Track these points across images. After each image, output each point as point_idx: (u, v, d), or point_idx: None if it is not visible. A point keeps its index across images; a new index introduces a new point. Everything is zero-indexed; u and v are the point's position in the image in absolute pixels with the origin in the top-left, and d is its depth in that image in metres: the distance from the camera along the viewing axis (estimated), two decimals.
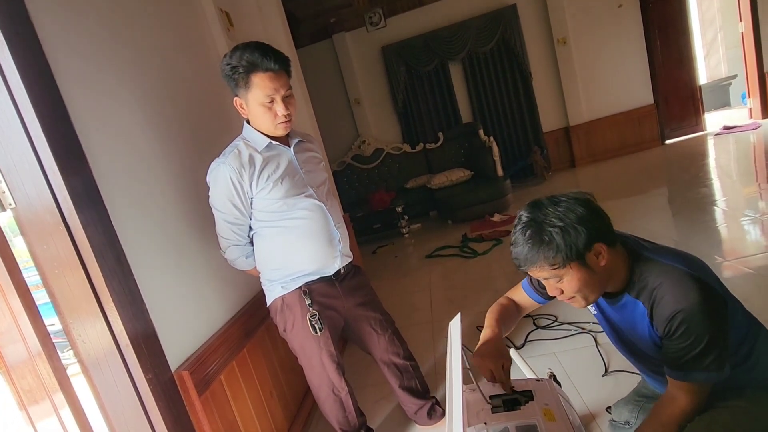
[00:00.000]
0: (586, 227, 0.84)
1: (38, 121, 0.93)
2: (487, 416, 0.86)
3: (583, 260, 0.85)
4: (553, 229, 0.84)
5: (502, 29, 5.40)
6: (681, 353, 0.84)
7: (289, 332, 1.40)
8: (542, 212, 0.87)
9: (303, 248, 1.34)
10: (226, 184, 1.25)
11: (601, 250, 0.86)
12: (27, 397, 1.14)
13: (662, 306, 0.85)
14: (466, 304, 2.62)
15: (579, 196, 0.88)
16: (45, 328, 1.09)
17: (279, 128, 1.26)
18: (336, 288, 1.41)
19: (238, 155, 1.25)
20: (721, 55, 7.69)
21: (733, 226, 2.77)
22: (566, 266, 0.85)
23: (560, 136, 5.78)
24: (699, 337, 0.82)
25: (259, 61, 1.17)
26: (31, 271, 1.12)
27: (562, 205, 0.86)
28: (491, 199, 4.50)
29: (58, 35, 1.06)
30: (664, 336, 0.87)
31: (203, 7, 1.90)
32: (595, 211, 0.87)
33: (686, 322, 0.82)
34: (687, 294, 0.82)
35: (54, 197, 0.97)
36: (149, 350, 1.10)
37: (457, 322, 0.92)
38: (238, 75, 1.19)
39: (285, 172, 1.30)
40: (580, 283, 0.88)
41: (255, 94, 1.20)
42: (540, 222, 0.86)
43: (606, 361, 1.75)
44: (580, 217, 0.84)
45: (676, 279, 0.85)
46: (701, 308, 0.81)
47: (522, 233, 0.88)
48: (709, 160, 4.56)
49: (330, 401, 1.44)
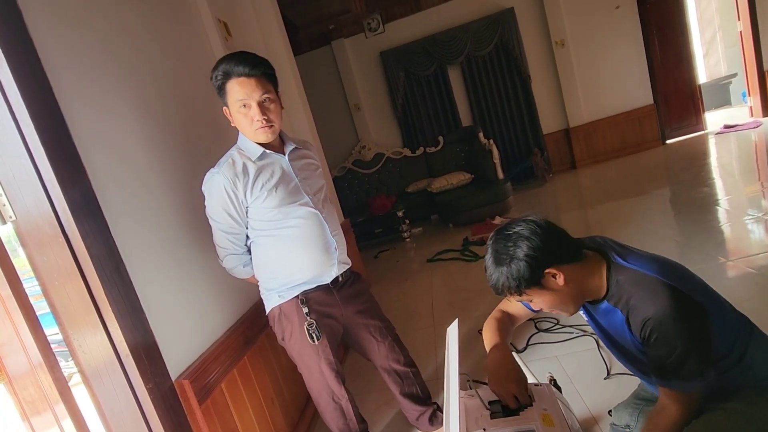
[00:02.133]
0: (528, 260, 0.90)
1: (37, 133, 0.94)
2: (486, 422, 0.86)
3: (539, 284, 0.92)
4: (501, 266, 0.93)
5: (500, 32, 5.42)
6: (660, 361, 0.85)
7: (288, 341, 1.40)
8: (497, 247, 0.95)
9: (299, 257, 1.34)
10: (220, 194, 1.26)
11: (554, 272, 0.91)
12: (29, 408, 1.15)
13: (634, 314, 0.88)
14: (467, 308, 2.61)
15: (526, 226, 0.93)
16: (46, 339, 1.10)
17: (258, 133, 1.26)
18: (334, 296, 1.41)
19: (232, 165, 1.26)
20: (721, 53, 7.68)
21: (736, 225, 2.76)
22: (524, 293, 0.93)
23: (560, 137, 5.78)
24: (672, 344, 0.83)
25: (232, 69, 1.20)
26: (31, 281, 1.13)
27: (511, 238, 0.93)
28: (492, 202, 4.50)
29: (57, 48, 1.07)
30: (642, 343, 0.89)
31: (201, 18, 1.92)
32: (545, 237, 0.91)
33: (657, 329, 0.84)
34: (656, 301, 0.85)
35: (53, 209, 0.98)
36: (149, 360, 1.11)
37: (455, 329, 0.92)
38: (218, 84, 1.23)
39: (279, 180, 1.30)
40: (549, 303, 0.95)
41: (230, 101, 1.24)
42: (496, 253, 0.95)
43: (608, 363, 1.74)
44: (525, 252, 0.90)
45: (646, 286, 0.87)
46: (671, 314, 0.83)
47: (486, 262, 0.98)
48: (710, 159, 4.54)
49: (330, 409, 1.44)
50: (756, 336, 0.93)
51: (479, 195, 4.56)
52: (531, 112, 5.63)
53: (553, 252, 0.91)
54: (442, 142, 5.51)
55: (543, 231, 0.92)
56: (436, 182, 4.92)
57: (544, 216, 0.96)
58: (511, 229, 0.94)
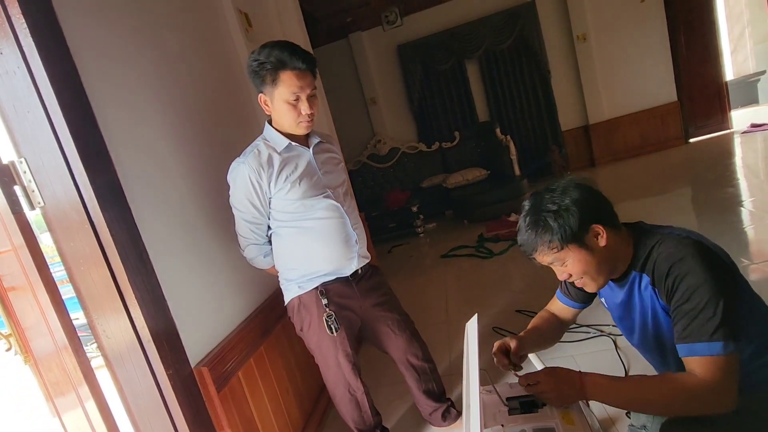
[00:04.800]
0: (579, 209, 0.87)
1: (66, 123, 0.96)
2: (504, 418, 0.86)
3: (581, 241, 0.88)
4: (548, 214, 0.88)
5: (520, 26, 5.32)
6: (686, 317, 0.79)
7: (306, 332, 1.41)
8: (539, 198, 0.92)
9: (320, 249, 1.35)
10: (244, 184, 1.27)
11: (598, 230, 0.88)
12: (54, 389, 1.18)
13: (659, 268, 0.85)
14: (482, 305, 2.59)
15: (575, 181, 0.92)
16: (71, 323, 1.13)
17: (301, 127, 1.27)
18: (353, 288, 1.41)
19: (257, 155, 1.27)
20: (749, 50, 7.42)
21: (761, 227, 2.68)
22: (564, 248, 0.88)
23: (579, 134, 5.67)
24: (697, 293, 0.78)
25: (288, 59, 1.18)
26: (58, 266, 1.16)
27: (557, 190, 0.90)
28: (508, 199, 4.45)
29: (86, 39, 1.09)
30: (667, 299, 0.84)
31: (223, 9, 1.93)
32: (591, 193, 0.90)
33: (681, 276, 0.80)
34: (681, 249, 0.83)
35: (80, 196, 1.00)
36: (170, 346, 1.13)
37: (474, 323, 0.91)
38: (266, 71, 1.20)
39: (303, 173, 1.31)
40: (582, 265, 0.90)
41: (281, 92, 1.21)
42: (537, 208, 0.91)
43: (626, 364, 1.71)
44: (574, 200, 0.87)
45: (673, 241, 0.86)
46: (697, 261, 0.79)
47: (523, 220, 0.93)
48: (735, 159, 4.41)
49: (345, 400, 1.45)
50: None
51: (495, 191, 4.51)
52: (550, 108, 5.54)
53: (601, 209, 0.90)
54: (458, 138, 5.47)
55: (592, 188, 0.91)
56: (451, 178, 4.89)
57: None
58: (556, 184, 0.92)
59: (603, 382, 0.87)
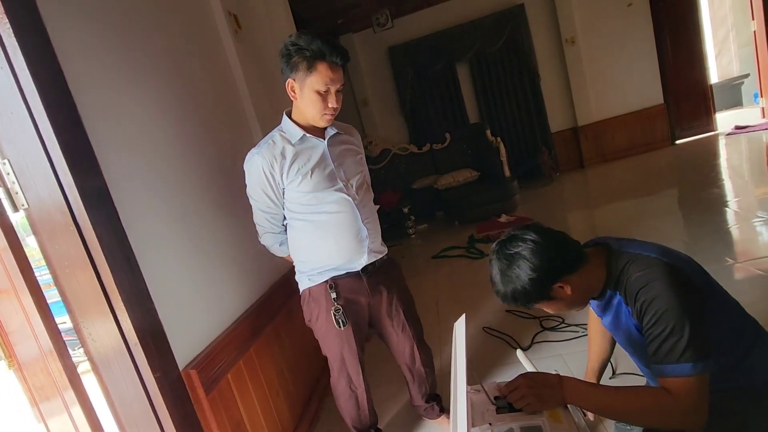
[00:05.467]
0: (533, 282, 0.90)
1: (50, 123, 0.95)
2: (492, 417, 0.86)
3: (548, 298, 0.93)
4: (508, 287, 0.93)
5: (510, 29, 5.38)
6: (655, 341, 0.82)
7: (314, 323, 1.43)
8: (501, 266, 0.95)
9: (329, 243, 1.34)
10: (258, 175, 1.30)
11: (562, 285, 0.92)
12: (38, 394, 1.17)
13: (630, 289, 0.88)
14: (472, 305, 2.61)
15: (526, 246, 0.92)
16: (56, 327, 1.11)
17: (323, 119, 1.29)
18: (363, 283, 1.40)
19: (271, 146, 1.29)
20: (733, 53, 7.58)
21: (745, 227, 2.73)
22: (534, 306, 0.95)
23: (568, 136, 5.74)
24: (665, 317, 0.81)
25: (328, 52, 1.20)
26: (43, 270, 1.15)
27: (514, 261, 0.92)
28: (498, 200, 4.48)
29: (70, 38, 1.08)
30: (638, 320, 0.88)
31: (212, 10, 1.92)
32: (546, 256, 0.90)
33: (648, 301, 0.83)
34: (649, 274, 0.85)
35: (65, 197, 0.98)
36: (157, 349, 1.12)
37: (462, 323, 0.92)
38: (303, 58, 1.20)
39: (315, 165, 1.30)
40: (558, 310, 0.97)
41: (314, 81, 1.22)
42: (502, 275, 0.94)
43: (614, 363, 1.73)
44: (530, 270, 0.90)
45: (641, 263, 0.89)
46: (663, 285, 0.82)
47: (495, 276, 0.97)
48: (720, 160, 4.49)
49: (346, 396, 1.46)
50: (764, 340, 0.91)
51: (486, 193, 4.54)
52: (539, 110, 5.60)
53: (557, 268, 0.91)
54: (449, 139, 5.49)
55: (545, 249, 0.91)
56: (442, 179, 4.91)
57: (546, 220, 0.96)
58: (513, 248, 0.93)
59: (582, 387, 0.90)
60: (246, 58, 2.05)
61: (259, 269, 1.79)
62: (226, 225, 1.62)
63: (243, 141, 1.94)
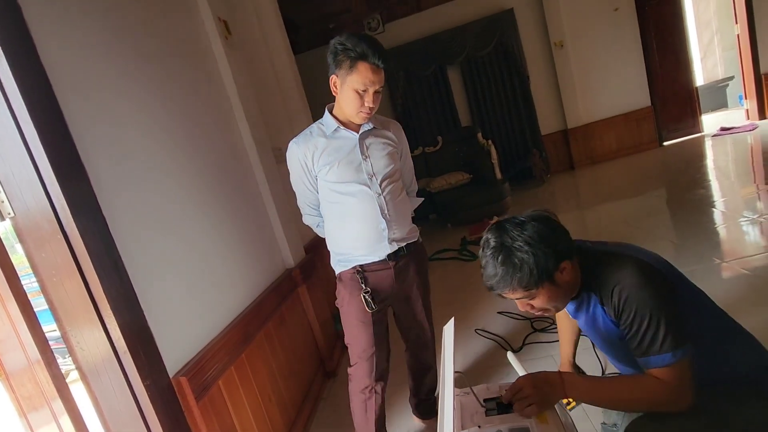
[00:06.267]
0: (552, 248, 0.87)
1: (36, 130, 0.94)
2: (481, 419, 0.87)
3: (552, 280, 0.89)
4: (523, 254, 0.86)
5: (500, 33, 5.43)
6: (636, 336, 0.85)
7: (340, 306, 1.49)
8: (509, 236, 0.88)
9: (349, 233, 1.41)
10: (295, 162, 1.41)
11: (565, 266, 0.90)
12: (26, 404, 1.15)
13: (604, 289, 0.90)
14: (464, 307, 2.62)
15: (541, 216, 0.91)
16: (44, 335, 1.10)
17: (359, 116, 1.33)
18: (390, 270, 1.44)
19: (308, 136, 1.38)
20: (718, 56, 7.71)
21: (731, 227, 2.78)
22: (538, 287, 0.89)
23: (558, 138, 5.80)
24: (641, 312, 0.84)
25: (370, 54, 1.24)
26: (29, 278, 1.14)
27: (527, 227, 0.88)
28: (490, 203, 4.51)
29: (56, 45, 1.07)
30: (616, 318, 0.90)
31: (201, 16, 1.92)
32: (558, 230, 0.90)
33: (624, 298, 0.85)
34: (620, 270, 0.87)
35: (52, 205, 0.98)
36: (147, 356, 1.11)
37: (451, 327, 0.93)
38: (348, 57, 1.26)
39: (343, 157, 1.36)
40: (551, 300, 0.92)
41: (353, 79, 1.27)
42: (509, 246, 0.88)
43: (602, 363, 1.74)
44: (545, 238, 0.87)
45: (612, 261, 0.90)
46: (635, 281, 0.85)
47: (493, 258, 0.89)
48: (706, 161, 4.57)
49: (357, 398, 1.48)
50: (736, 331, 0.93)
51: (478, 195, 4.57)
52: (530, 113, 5.65)
53: (565, 243, 0.90)
54: (440, 142, 5.52)
55: (556, 221, 0.91)
56: (434, 182, 4.93)
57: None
58: (522, 219, 0.90)
59: (580, 382, 0.92)
60: (236, 64, 2.05)
61: (250, 274, 1.79)
62: (216, 230, 1.62)
63: (232, 147, 1.94)
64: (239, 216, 1.82)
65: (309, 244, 2.58)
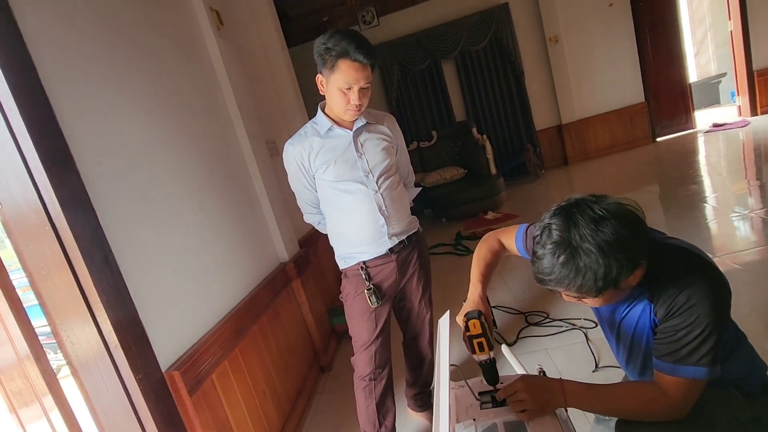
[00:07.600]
0: (627, 256, 0.72)
1: (23, 121, 0.92)
2: (476, 412, 0.87)
3: (617, 287, 0.76)
4: (591, 261, 0.72)
5: (495, 28, 5.42)
6: (677, 341, 0.78)
7: (344, 301, 1.49)
8: (578, 233, 0.74)
9: (349, 230, 1.41)
10: (291, 163, 1.40)
11: (637, 273, 0.76)
12: (16, 400, 1.14)
13: (666, 287, 0.80)
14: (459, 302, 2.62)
15: (624, 213, 0.75)
16: (33, 330, 1.09)
17: (347, 114, 1.32)
18: (392, 264, 1.44)
19: (303, 137, 1.37)
20: (711, 53, 7.77)
21: (723, 222, 2.81)
22: (598, 296, 0.77)
23: (553, 134, 5.81)
24: (699, 320, 0.76)
25: (352, 51, 1.21)
26: (18, 273, 1.12)
27: (605, 227, 0.72)
28: (485, 197, 4.52)
29: (44, 34, 1.05)
30: (663, 318, 0.81)
31: (193, 6, 1.89)
32: (640, 232, 0.75)
33: (692, 300, 0.76)
34: (693, 273, 0.78)
35: (40, 198, 0.96)
36: (139, 351, 1.10)
37: (446, 321, 0.92)
38: (329, 57, 1.23)
39: (338, 155, 1.35)
40: (605, 302, 0.82)
41: (336, 78, 1.25)
42: (576, 247, 0.73)
43: (596, 356, 1.76)
44: (625, 245, 0.72)
45: (682, 258, 0.81)
46: (708, 290, 0.76)
47: (552, 254, 0.76)
48: (699, 157, 4.60)
49: (361, 388, 1.48)
50: (744, 341, 0.92)
51: (472, 190, 4.57)
52: (524, 108, 5.65)
53: (642, 252, 0.75)
54: (435, 137, 5.51)
55: (639, 219, 0.76)
56: (429, 177, 4.93)
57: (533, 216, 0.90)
58: (600, 213, 0.74)
59: (582, 391, 0.86)
60: (229, 55, 2.03)
61: (243, 268, 1.77)
62: (209, 223, 1.60)
63: (225, 139, 1.91)
64: (232, 209, 1.80)
65: (303, 238, 2.57)
